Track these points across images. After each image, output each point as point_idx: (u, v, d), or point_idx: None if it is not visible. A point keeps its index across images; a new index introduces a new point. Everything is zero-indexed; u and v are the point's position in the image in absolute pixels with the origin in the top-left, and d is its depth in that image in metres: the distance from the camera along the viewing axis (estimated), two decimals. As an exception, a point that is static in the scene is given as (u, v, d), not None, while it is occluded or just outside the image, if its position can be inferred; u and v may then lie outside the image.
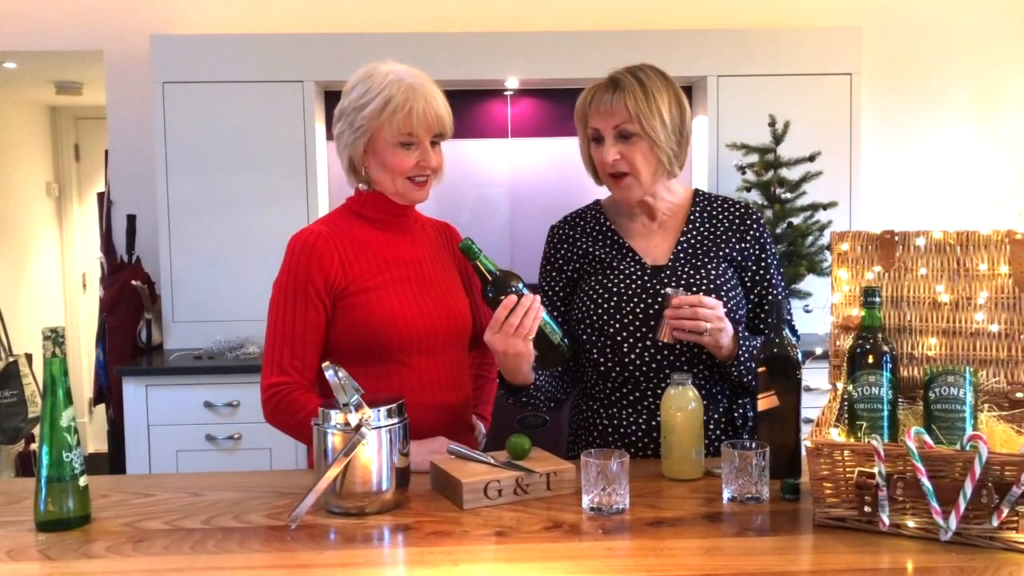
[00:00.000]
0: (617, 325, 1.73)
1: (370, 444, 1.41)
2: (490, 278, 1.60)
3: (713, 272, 1.75)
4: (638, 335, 1.73)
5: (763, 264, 1.81)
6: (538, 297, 1.59)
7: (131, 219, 3.68)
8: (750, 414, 1.82)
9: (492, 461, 1.53)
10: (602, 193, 1.88)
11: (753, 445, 1.46)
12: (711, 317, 1.62)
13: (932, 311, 1.58)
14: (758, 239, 1.82)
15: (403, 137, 1.70)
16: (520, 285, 1.59)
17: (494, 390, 2.02)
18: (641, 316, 1.73)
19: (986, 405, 1.52)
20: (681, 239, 1.80)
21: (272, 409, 1.68)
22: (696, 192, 1.87)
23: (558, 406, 1.86)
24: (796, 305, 3.39)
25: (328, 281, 1.70)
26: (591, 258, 1.82)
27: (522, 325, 1.56)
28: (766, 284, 1.81)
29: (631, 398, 1.75)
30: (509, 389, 1.76)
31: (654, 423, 1.73)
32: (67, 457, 1.38)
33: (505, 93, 3.83)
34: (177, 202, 3.52)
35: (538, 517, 1.41)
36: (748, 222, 1.82)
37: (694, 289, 1.72)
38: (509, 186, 3.90)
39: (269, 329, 1.71)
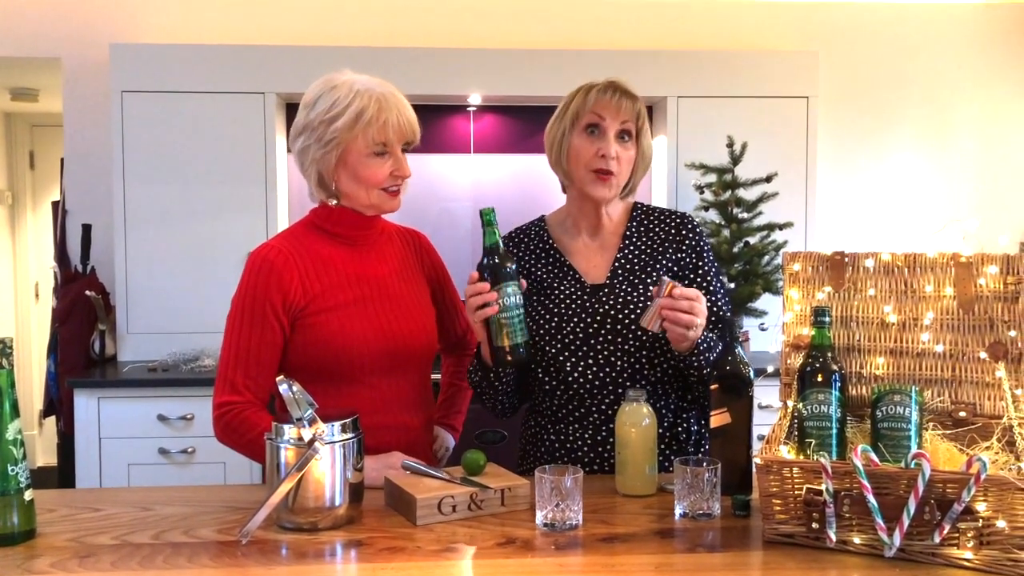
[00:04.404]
0: (559, 346, 1.74)
1: (323, 459, 1.40)
2: (483, 251, 1.63)
3: (652, 288, 1.76)
4: (579, 354, 1.73)
5: (700, 272, 1.81)
6: (487, 292, 1.58)
7: (86, 228, 3.63)
8: (694, 428, 1.83)
9: (447, 477, 1.53)
10: (547, 209, 1.89)
11: (705, 461, 1.48)
12: (702, 315, 1.60)
13: (880, 331, 1.61)
14: (694, 247, 1.82)
15: (377, 147, 1.69)
16: (504, 268, 1.59)
17: (467, 399, 2.01)
18: (582, 336, 1.74)
19: (931, 424, 1.55)
20: (619, 255, 1.81)
21: (223, 427, 1.66)
22: (635, 206, 1.88)
23: (512, 412, 1.86)
24: (751, 323, 3.44)
25: (287, 300, 1.68)
26: (533, 278, 1.82)
27: (469, 302, 1.61)
28: (706, 293, 1.79)
29: (576, 415, 1.76)
30: (482, 364, 1.75)
31: (600, 439, 1.74)
32: (12, 470, 1.36)
33: (468, 109, 3.85)
34: (134, 212, 3.48)
35: (492, 533, 1.41)
36: (684, 231, 1.83)
37: (631, 306, 1.73)
38: (471, 201, 3.91)
39: (224, 346, 1.69)
